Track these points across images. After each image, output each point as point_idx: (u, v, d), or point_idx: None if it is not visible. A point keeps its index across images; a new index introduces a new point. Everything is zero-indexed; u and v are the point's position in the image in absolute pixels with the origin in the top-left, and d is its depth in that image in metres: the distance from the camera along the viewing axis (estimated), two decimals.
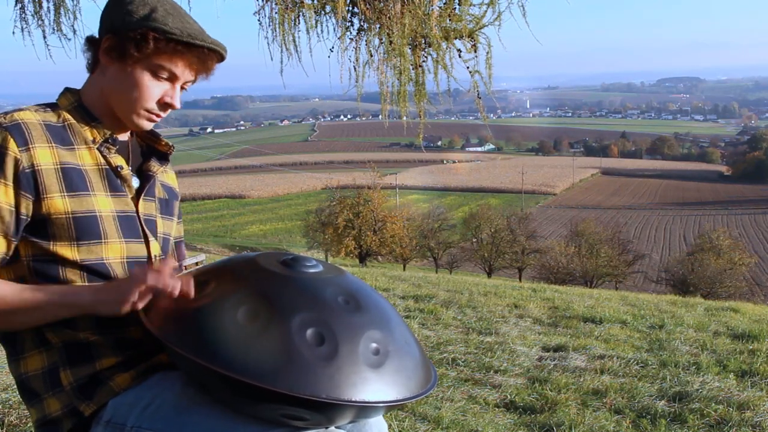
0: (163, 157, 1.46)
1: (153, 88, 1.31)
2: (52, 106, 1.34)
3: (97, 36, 1.33)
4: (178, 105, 1.36)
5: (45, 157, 1.24)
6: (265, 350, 1.09)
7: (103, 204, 1.30)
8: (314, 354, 1.09)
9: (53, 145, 1.26)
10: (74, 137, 1.31)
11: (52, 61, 3.20)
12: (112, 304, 1.20)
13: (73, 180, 1.27)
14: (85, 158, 1.31)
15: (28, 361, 1.29)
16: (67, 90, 1.37)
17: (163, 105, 1.34)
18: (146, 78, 1.30)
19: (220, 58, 1.35)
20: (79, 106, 1.34)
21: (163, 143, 1.47)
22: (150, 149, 1.46)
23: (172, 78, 1.32)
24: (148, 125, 1.37)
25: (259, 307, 1.14)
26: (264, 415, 1.15)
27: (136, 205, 1.37)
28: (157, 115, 1.35)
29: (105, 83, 1.33)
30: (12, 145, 1.21)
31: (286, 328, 1.11)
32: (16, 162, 1.21)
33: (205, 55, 1.31)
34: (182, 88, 1.36)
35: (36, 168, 1.23)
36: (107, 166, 1.33)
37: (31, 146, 1.23)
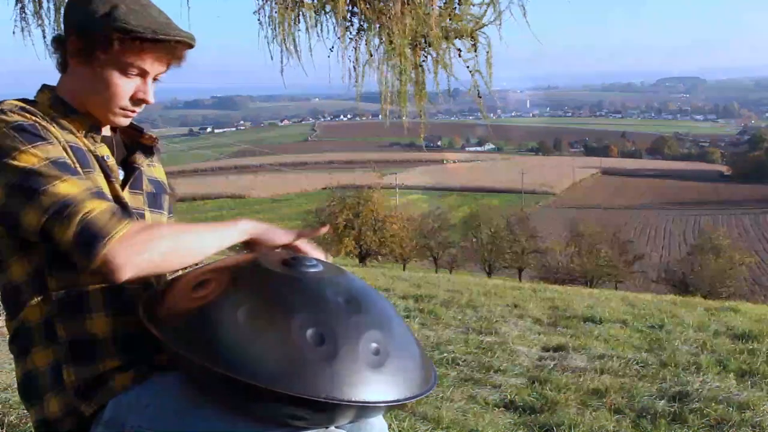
0: (149, 151, 1.46)
1: (124, 86, 1.30)
2: (32, 103, 1.33)
3: (63, 35, 1.32)
4: (151, 100, 1.35)
5: (56, 133, 1.25)
6: (265, 350, 1.08)
7: (103, 186, 1.30)
8: (314, 354, 1.09)
9: (55, 126, 1.27)
10: (62, 128, 1.30)
11: (53, 61, 3.20)
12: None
13: (80, 158, 1.27)
14: (82, 143, 1.31)
15: (34, 356, 1.27)
16: (44, 87, 1.36)
17: (137, 101, 1.34)
18: (116, 77, 1.29)
19: (189, 46, 1.34)
20: (57, 100, 1.33)
21: (147, 136, 1.46)
22: (134, 143, 1.46)
23: (143, 73, 1.31)
24: (124, 122, 1.37)
25: (259, 307, 1.14)
26: (264, 416, 1.15)
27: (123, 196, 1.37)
28: (132, 111, 1.35)
29: (76, 84, 1.32)
30: (36, 118, 1.22)
31: (287, 328, 1.11)
32: (51, 130, 1.23)
33: (172, 47, 1.30)
34: (154, 79, 1.35)
35: (59, 140, 1.24)
36: (96, 154, 1.33)
37: (44, 123, 1.24)
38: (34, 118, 1.23)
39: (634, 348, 4.36)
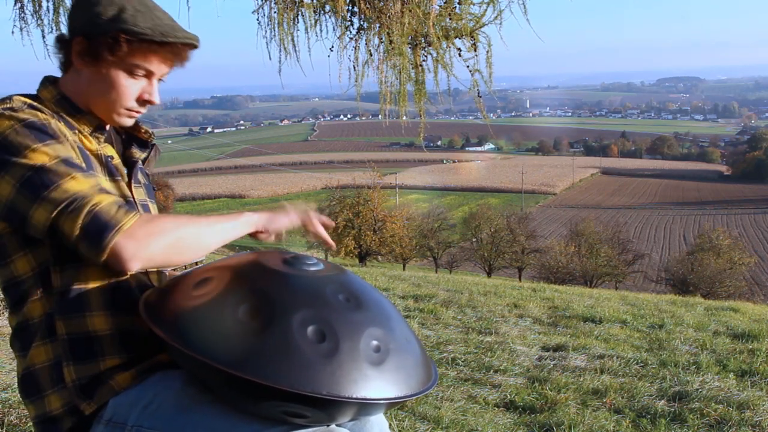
0: (143, 144, 1.46)
1: (131, 87, 1.31)
2: (37, 99, 1.32)
3: (66, 35, 1.32)
4: (157, 101, 1.36)
5: (65, 132, 1.25)
6: (267, 347, 1.09)
7: (108, 188, 1.29)
8: (315, 351, 1.09)
9: (62, 123, 1.27)
10: (69, 127, 1.30)
11: (51, 61, 3.20)
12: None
13: (87, 160, 1.27)
14: (85, 143, 1.31)
15: (33, 352, 1.27)
16: (47, 81, 1.36)
17: (143, 102, 1.34)
18: (123, 78, 1.29)
19: (193, 47, 1.35)
20: (62, 98, 1.33)
21: (143, 131, 1.46)
22: (129, 136, 1.46)
23: (148, 75, 1.32)
24: (129, 122, 1.37)
25: (260, 305, 1.14)
26: (265, 413, 1.15)
27: (131, 193, 1.38)
28: (137, 112, 1.35)
29: (81, 85, 1.32)
30: (46, 115, 1.22)
31: (287, 326, 1.11)
32: (60, 129, 1.23)
33: (178, 49, 1.31)
34: (159, 80, 1.36)
35: (67, 138, 1.23)
36: (101, 154, 1.33)
37: (54, 121, 1.24)
38: (44, 115, 1.23)
39: (634, 348, 4.36)
